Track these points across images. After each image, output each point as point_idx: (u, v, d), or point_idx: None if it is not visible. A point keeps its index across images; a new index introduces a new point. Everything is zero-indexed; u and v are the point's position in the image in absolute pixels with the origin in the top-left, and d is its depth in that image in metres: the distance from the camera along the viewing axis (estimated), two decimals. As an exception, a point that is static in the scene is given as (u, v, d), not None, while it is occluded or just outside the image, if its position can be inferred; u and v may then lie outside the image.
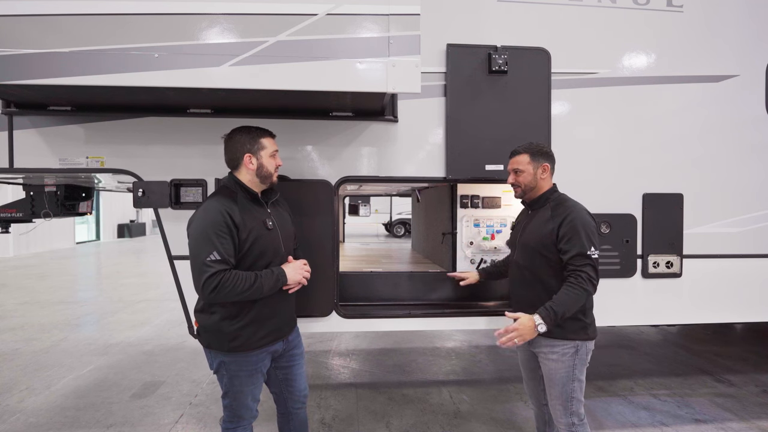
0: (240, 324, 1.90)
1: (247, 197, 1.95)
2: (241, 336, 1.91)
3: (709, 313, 2.92)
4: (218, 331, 1.90)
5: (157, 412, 3.35)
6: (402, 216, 18.63)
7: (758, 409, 3.43)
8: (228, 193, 1.94)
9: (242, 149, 1.95)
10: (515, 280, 2.25)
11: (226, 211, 1.81)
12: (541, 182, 2.16)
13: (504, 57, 2.61)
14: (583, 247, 1.95)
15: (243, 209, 1.89)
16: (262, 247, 1.92)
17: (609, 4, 2.76)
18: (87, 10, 1.85)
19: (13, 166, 2.41)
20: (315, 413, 3.32)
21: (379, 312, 2.79)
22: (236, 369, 1.94)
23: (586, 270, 1.94)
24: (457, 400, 3.54)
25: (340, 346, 4.88)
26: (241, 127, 2.00)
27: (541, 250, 2.06)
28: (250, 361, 1.96)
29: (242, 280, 1.80)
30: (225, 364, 1.94)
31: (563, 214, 2.04)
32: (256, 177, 1.97)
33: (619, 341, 5.12)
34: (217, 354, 1.94)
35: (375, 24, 1.98)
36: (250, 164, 1.95)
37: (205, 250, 1.75)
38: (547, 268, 2.06)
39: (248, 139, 1.96)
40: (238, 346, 1.91)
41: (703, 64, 2.85)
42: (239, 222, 1.83)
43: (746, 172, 2.91)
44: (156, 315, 6.14)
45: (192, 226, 1.84)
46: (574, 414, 2.05)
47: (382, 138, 2.62)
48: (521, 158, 2.16)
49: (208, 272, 1.73)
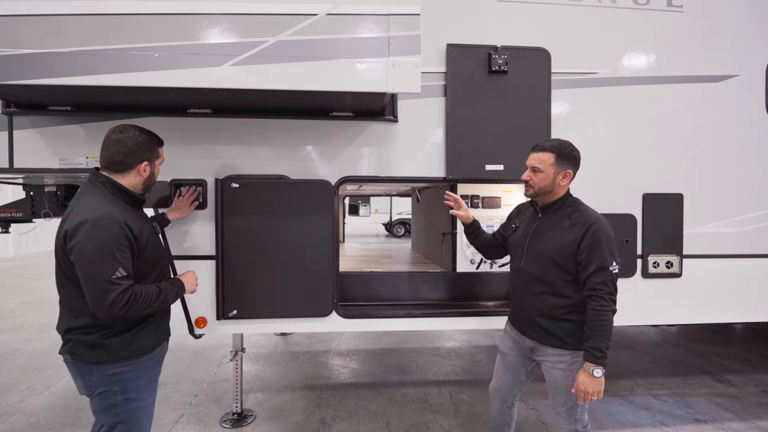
0: (137, 326, 1.76)
1: (129, 202, 1.80)
2: (139, 338, 1.76)
3: (709, 313, 2.92)
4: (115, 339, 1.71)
5: (157, 412, 3.31)
6: (402, 216, 18.61)
7: (758, 409, 3.43)
8: (112, 198, 1.73)
9: (141, 155, 1.79)
10: (522, 288, 2.07)
11: (124, 222, 1.66)
12: (559, 189, 1.98)
13: (504, 57, 2.61)
14: (605, 261, 1.83)
15: (133, 216, 1.76)
16: (156, 255, 1.83)
17: (609, 4, 2.76)
18: (87, 10, 1.85)
19: (13, 166, 2.41)
20: (315, 413, 3.32)
21: (379, 312, 2.79)
22: (133, 378, 1.74)
23: (607, 287, 1.83)
24: (457, 400, 3.54)
25: (340, 346, 4.87)
26: (139, 128, 1.82)
27: (559, 260, 1.91)
28: (148, 365, 1.80)
29: (149, 295, 1.69)
30: (118, 376, 1.71)
31: (585, 223, 1.89)
32: (142, 184, 1.84)
33: (619, 341, 5.11)
34: (107, 367, 1.70)
35: (375, 24, 1.98)
36: (143, 172, 1.81)
37: (108, 267, 1.59)
38: (562, 279, 1.93)
39: (150, 146, 1.82)
40: (136, 349, 1.74)
41: (703, 64, 2.84)
42: (137, 232, 1.71)
43: (746, 172, 2.91)
44: (156, 315, 6.13)
45: (81, 239, 1.59)
46: (578, 421, 1.99)
47: (382, 138, 2.62)
48: (545, 156, 1.95)
49: (116, 290, 1.58)
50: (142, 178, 1.82)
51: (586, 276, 1.86)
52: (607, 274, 1.83)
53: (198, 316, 2.53)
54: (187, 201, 2.42)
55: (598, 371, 1.81)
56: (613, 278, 1.85)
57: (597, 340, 1.81)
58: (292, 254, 2.50)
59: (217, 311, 2.50)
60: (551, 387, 2.04)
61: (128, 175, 1.79)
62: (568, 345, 1.94)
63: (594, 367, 1.81)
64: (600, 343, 1.81)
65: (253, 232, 2.48)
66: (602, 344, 1.81)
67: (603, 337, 1.81)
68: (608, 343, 1.82)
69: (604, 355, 1.81)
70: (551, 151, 1.94)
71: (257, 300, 2.51)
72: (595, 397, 1.83)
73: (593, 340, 1.82)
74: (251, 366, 4.26)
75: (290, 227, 2.50)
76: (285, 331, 3.53)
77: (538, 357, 2.06)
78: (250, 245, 2.48)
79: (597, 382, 1.81)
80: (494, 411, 2.31)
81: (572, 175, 1.98)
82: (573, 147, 1.97)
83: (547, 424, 3.19)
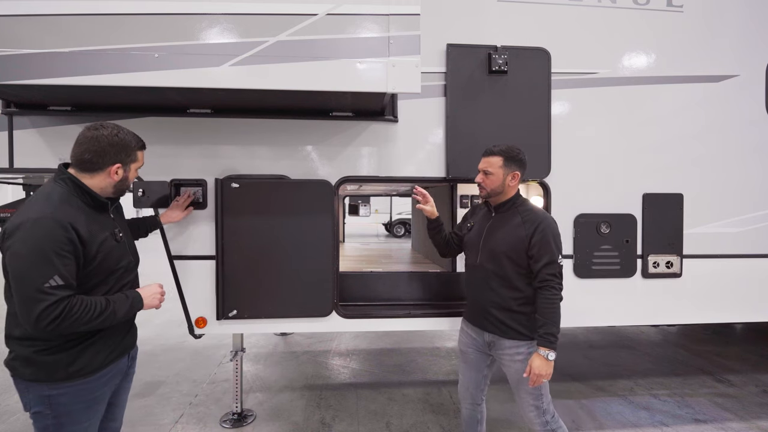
0: (81, 344, 1.55)
1: (90, 204, 1.61)
2: (83, 357, 1.55)
3: (709, 313, 2.92)
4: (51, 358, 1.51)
5: (157, 412, 3.35)
6: (402, 216, 18.62)
7: (758, 409, 3.43)
8: (65, 197, 1.54)
9: (114, 157, 1.62)
10: (478, 284, 2.20)
11: (69, 223, 1.46)
12: (509, 189, 2.14)
13: (504, 57, 2.61)
14: (554, 255, 2.02)
15: (89, 219, 1.56)
16: (113, 263, 1.63)
17: (609, 4, 2.76)
18: (87, 10, 1.86)
19: (13, 166, 2.41)
20: (315, 413, 3.32)
21: (379, 312, 2.79)
22: (69, 402, 1.54)
23: (557, 278, 2.01)
24: (457, 400, 3.54)
25: (340, 346, 4.87)
26: (118, 128, 1.65)
27: (512, 255, 2.07)
28: (90, 387, 1.58)
29: (91, 308, 1.48)
30: (52, 399, 1.51)
31: (535, 221, 2.06)
32: (112, 188, 1.67)
33: (619, 341, 5.12)
34: (41, 387, 1.51)
35: (375, 24, 1.98)
36: (114, 174, 1.64)
37: (41, 273, 1.40)
38: (516, 272, 2.08)
39: (125, 148, 1.65)
40: (77, 371, 1.54)
41: (703, 64, 2.84)
42: (86, 236, 1.51)
43: (746, 172, 2.91)
44: (156, 315, 6.12)
45: (17, 240, 1.42)
46: (546, 412, 2.11)
47: (382, 138, 2.62)
48: (494, 160, 2.11)
49: (47, 301, 1.39)
50: (113, 180, 1.64)
51: (538, 268, 2.02)
52: (556, 266, 2.01)
53: (198, 316, 2.53)
54: (182, 205, 2.41)
55: (551, 354, 1.96)
56: (560, 270, 2.03)
57: (550, 326, 1.97)
58: (292, 254, 2.50)
59: (217, 311, 2.49)
60: (514, 380, 2.15)
61: (97, 176, 1.62)
62: (523, 336, 2.08)
63: (548, 351, 1.96)
64: (553, 329, 1.97)
65: (253, 232, 2.48)
66: (554, 329, 1.98)
67: (554, 323, 1.98)
68: (559, 329, 2.00)
69: (556, 340, 1.98)
70: (499, 155, 2.11)
71: (257, 300, 2.51)
72: (546, 380, 1.99)
73: (547, 326, 1.98)
74: (251, 366, 4.26)
75: (290, 227, 2.50)
76: (285, 331, 3.54)
77: (496, 351, 2.18)
78: (250, 245, 2.48)
79: (550, 365, 1.97)
80: (466, 411, 2.39)
81: (520, 176, 2.14)
82: (520, 150, 2.14)
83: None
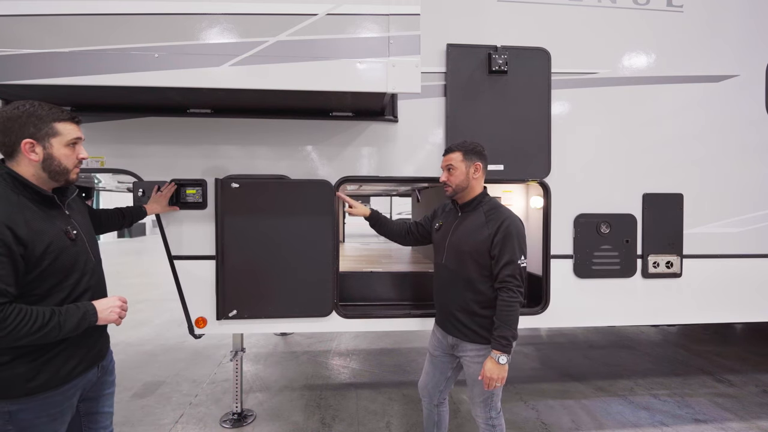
0: (42, 357, 1.41)
1: (35, 199, 1.43)
2: (45, 371, 1.41)
3: (709, 313, 2.92)
4: (7, 372, 1.36)
5: (157, 412, 3.35)
6: (402, 216, 18.62)
7: (758, 409, 3.43)
8: (3, 194, 1.37)
9: (20, 131, 1.39)
10: (444, 284, 2.19)
11: (3, 223, 1.29)
12: (474, 182, 2.13)
13: (504, 57, 2.61)
14: (515, 255, 1.98)
15: (32, 217, 1.38)
16: (66, 265, 1.44)
17: (609, 4, 2.76)
18: (87, 10, 1.85)
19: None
20: (315, 413, 3.32)
21: (379, 312, 2.80)
22: (32, 417, 1.40)
23: (516, 280, 1.97)
24: (456, 400, 3.54)
25: (340, 346, 4.87)
26: (26, 101, 1.43)
27: (475, 255, 2.05)
28: (53, 402, 1.44)
29: (30, 319, 1.31)
30: (12, 415, 1.37)
31: (498, 219, 2.03)
32: (43, 172, 1.44)
33: (619, 341, 5.12)
34: (0, 404, 1.36)
35: (375, 24, 1.98)
36: (32, 154, 1.41)
37: None
38: (479, 274, 2.06)
39: (32, 119, 1.41)
40: (39, 385, 1.39)
41: (703, 64, 2.85)
42: (26, 237, 1.33)
43: (746, 172, 2.91)
44: (156, 315, 6.13)
45: None
46: (492, 408, 2.15)
47: (382, 138, 2.62)
48: (454, 155, 2.13)
49: None
50: (34, 162, 1.42)
51: (498, 269, 2.00)
52: (515, 267, 1.97)
53: (198, 316, 2.53)
54: (165, 197, 2.40)
55: (503, 358, 1.95)
56: (521, 271, 1.99)
57: (504, 330, 1.96)
58: (292, 254, 2.50)
59: (217, 311, 2.50)
60: (470, 380, 2.16)
61: (20, 162, 1.42)
62: (485, 339, 2.06)
63: (500, 355, 1.95)
64: (507, 332, 1.95)
65: (253, 232, 2.48)
66: (509, 333, 1.96)
67: (510, 327, 1.96)
68: (515, 333, 1.97)
69: (510, 344, 1.96)
70: (458, 150, 2.14)
71: (257, 300, 2.51)
72: (499, 384, 1.97)
73: (501, 329, 1.96)
74: (251, 366, 4.26)
75: (290, 227, 2.50)
76: (285, 331, 3.53)
77: (460, 353, 2.19)
78: (250, 245, 2.48)
79: (502, 369, 1.96)
80: (425, 410, 2.42)
81: (482, 167, 2.14)
82: (477, 143, 2.17)
83: (544, 420, 3.19)
